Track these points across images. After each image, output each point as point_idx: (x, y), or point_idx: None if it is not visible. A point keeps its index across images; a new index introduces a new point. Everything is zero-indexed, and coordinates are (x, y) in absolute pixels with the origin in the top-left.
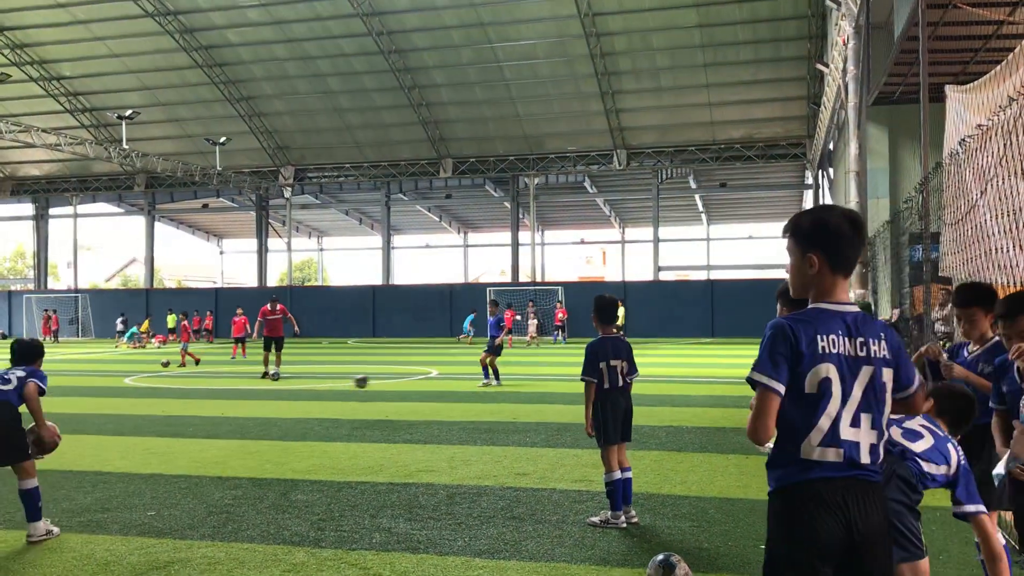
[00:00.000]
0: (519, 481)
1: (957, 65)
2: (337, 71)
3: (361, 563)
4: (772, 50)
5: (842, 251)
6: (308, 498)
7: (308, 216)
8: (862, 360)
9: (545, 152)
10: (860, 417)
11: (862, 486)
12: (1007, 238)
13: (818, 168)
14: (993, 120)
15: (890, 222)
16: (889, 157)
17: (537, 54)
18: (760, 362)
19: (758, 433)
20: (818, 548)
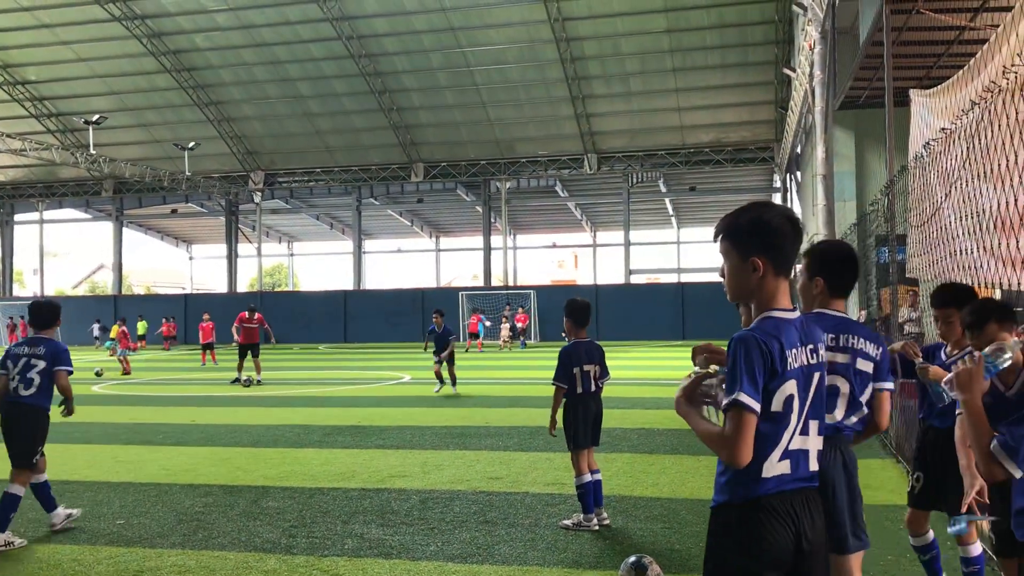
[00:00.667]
0: (492, 485)
1: (921, 69)
2: (307, 75)
3: (333, 569)
4: (740, 55)
5: (785, 252)
6: (279, 505)
7: (278, 221)
8: (813, 367)
9: (516, 156)
10: (809, 424)
11: (808, 494)
12: (971, 240)
13: (786, 172)
14: (956, 124)
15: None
16: (856, 160)
17: (507, 59)
18: (741, 383)
19: (741, 457)
20: (771, 559)
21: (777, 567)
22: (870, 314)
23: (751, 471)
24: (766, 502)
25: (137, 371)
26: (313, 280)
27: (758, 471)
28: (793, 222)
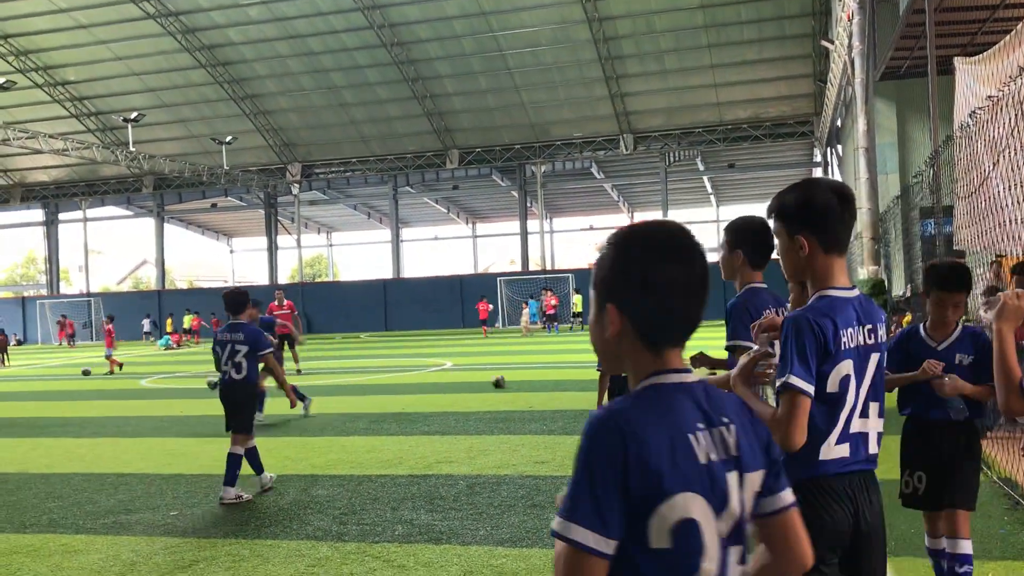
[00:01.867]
0: (538, 469)
1: (964, 36)
2: (340, 66)
3: (384, 555)
4: (776, 28)
5: (832, 230)
6: (329, 493)
7: (316, 212)
8: (871, 348)
9: (551, 139)
10: (869, 407)
11: (866, 476)
12: (1020, 209)
13: (826, 146)
14: (1004, 90)
15: (900, 197)
16: (897, 132)
17: (540, 41)
18: (792, 365)
19: (794, 440)
20: (830, 539)
21: (834, 548)
22: (915, 287)
23: (808, 455)
24: (824, 483)
25: (185, 364)
26: (352, 270)
27: (815, 454)
28: (842, 197)
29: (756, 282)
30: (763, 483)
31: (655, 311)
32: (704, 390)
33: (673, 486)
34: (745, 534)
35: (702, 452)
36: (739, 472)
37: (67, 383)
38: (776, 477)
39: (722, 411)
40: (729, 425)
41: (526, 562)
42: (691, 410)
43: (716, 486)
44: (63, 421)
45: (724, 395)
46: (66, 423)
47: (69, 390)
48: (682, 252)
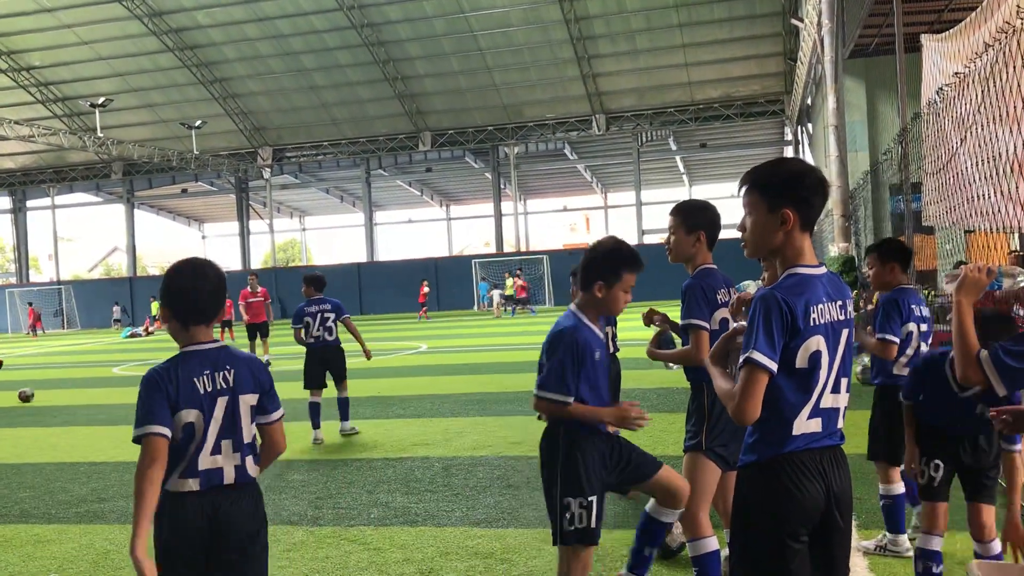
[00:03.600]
0: (513, 450)
1: (931, 14)
2: (310, 48)
3: (360, 538)
4: (746, 7)
5: (814, 208)
6: (304, 477)
7: (289, 196)
8: (842, 323)
9: (524, 121)
10: (840, 383)
11: (836, 451)
12: (988, 184)
13: (797, 124)
14: (970, 67)
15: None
16: (867, 109)
17: (511, 21)
18: (756, 340)
19: (748, 414)
20: (802, 514)
21: (806, 522)
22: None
23: (782, 431)
24: (796, 458)
25: (158, 352)
26: (326, 254)
27: (788, 430)
28: (822, 179)
29: (709, 263)
30: None
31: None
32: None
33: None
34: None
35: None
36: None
37: (37, 372)
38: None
39: (841, 293)
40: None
41: (501, 542)
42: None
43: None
44: (34, 410)
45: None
46: (37, 412)
47: (39, 379)
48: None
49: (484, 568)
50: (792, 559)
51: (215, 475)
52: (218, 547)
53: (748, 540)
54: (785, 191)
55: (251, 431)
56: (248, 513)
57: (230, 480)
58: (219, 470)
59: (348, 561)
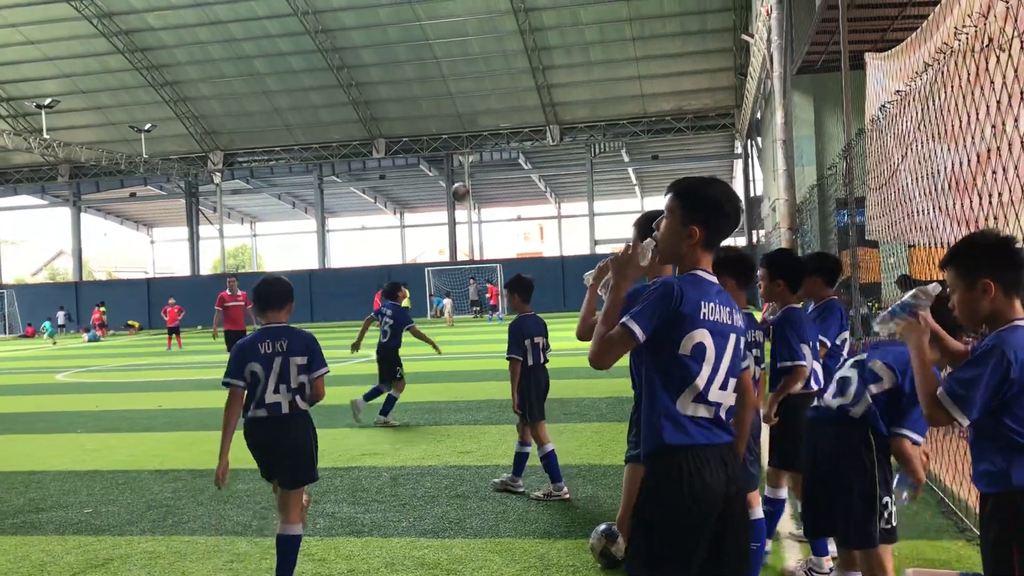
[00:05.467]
0: (463, 459)
1: (876, 32)
2: (263, 53)
3: (305, 549)
4: (698, 22)
5: (720, 232)
6: (250, 487)
7: (240, 201)
8: (729, 327)
9: (478, 130)
10: (728, 381)
11: (732, 447)
12: (927, 200)
13: (747, 138)
14: (911, 86)
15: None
16: (814, 125)
17: (467, 31)
18: (639, 312)
19: (600, 360)
20: (708, 504)
21: (711, 514)
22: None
23: (673, 409)
24: (694, 449)
25: (103, 358)
26: (278, 260)
27: (672, 412)
28: (738, 212)
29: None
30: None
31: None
32: (719, 289)
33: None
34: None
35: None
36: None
37: None
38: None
39: (730, 303)
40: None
41: (448, 552)
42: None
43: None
44: None
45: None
46: None
47: None
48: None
49: None
50: (692, 548)
51: (275, 407)
52: (280, 453)
53: (654, 533)
54: (701, 211)
55: (299, 380)
56: (298, 432)
57: (287, 411)
58: (278, 403)
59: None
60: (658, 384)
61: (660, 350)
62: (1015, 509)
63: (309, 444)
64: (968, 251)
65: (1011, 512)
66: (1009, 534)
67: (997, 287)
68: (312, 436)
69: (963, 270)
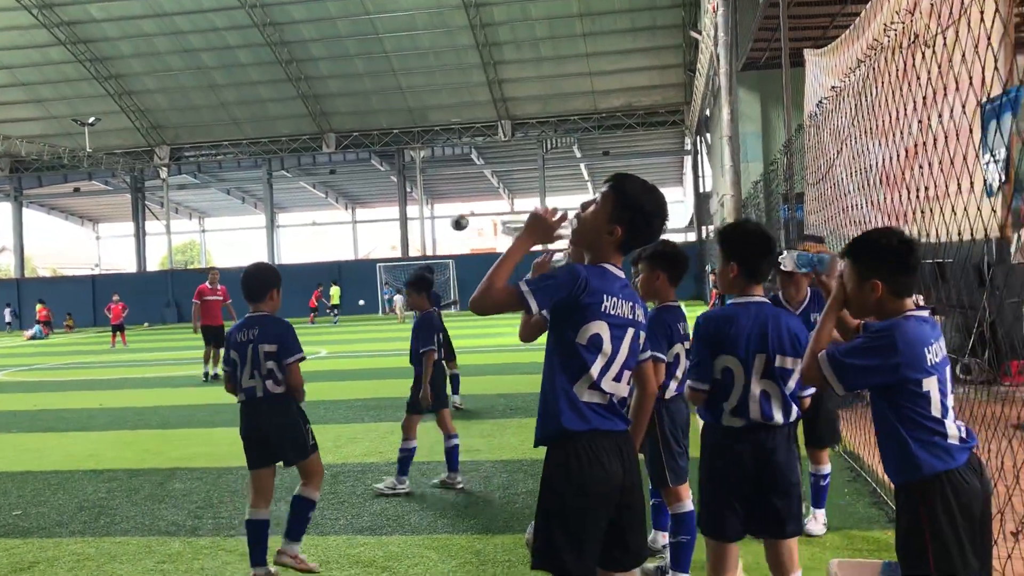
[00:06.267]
0: None
1: (817, 30)
2: (210, 46)
3: (239, 549)
4: (648, 18)
5: (639, 241)
6: (186, 486)
7: (187, 197)
8: (629, 322)
9: (430, 124)
10: (623, 374)
11: (628, 436)
12: (861, 195)
13: (696, 134)
14: (845, 82)
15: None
16: (761, 121)
17: (416, 25)
18: (542, 288)
19: (482, 306)
20: (606, 492)
21: (609, 501)
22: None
23: (564, 400)
24: (592, 436)
25: (45, 356)
26: (227, 256)
27: (569, 397)
28: (663, 228)
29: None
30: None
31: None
32: (624, 284)
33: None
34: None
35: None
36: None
37: None
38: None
39: (633, 298)
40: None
41: (384, 549)
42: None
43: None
44: None
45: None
46: None
47: None
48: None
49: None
50: (588, 536)
51: (250, 391)
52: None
53: (555, 520)
54: (631, 214)
55: (267, 367)
56: (274, 412)
57: (261, 394)
58: (252, 388)
59: (224, 572)
60: (557, 367)
61: (559, 336)
62: (925, 497)
63: (293, 422)
64: (863, 250)
65: (922, 502)
66: (921, 524)
67: (885, 288)
68: (293, 414)
69: (857, 267)
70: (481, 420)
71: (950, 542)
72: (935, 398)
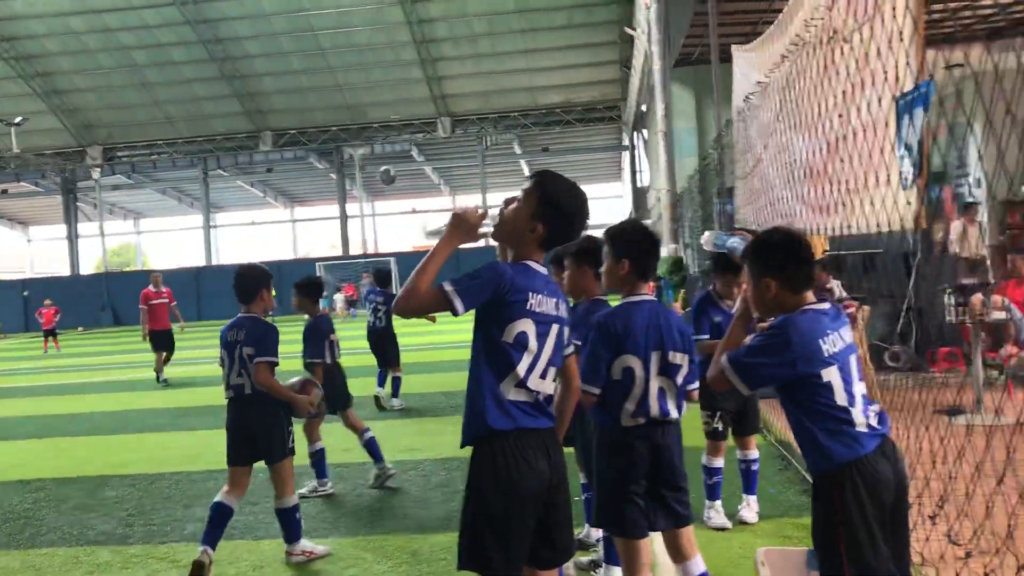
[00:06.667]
0: (344, 457)
1: (747, 26)
2: (142, 44)
3: (171, 556)
4: (585, 15)
5: (559, 240)
6: (118, 494)
7: (121, 197)
8: (553, 318)
9: (368, 122)
10: (548, 371)
11: (554, 433)
12: (786, 188)
13: (633, 130)
14: (769, 77)
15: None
16: (695, 116)
17: (353, 22)
18: (466, 288)
19: (406, 308)
20: (532, 490)
21: (536, 499)
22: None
23: (492, 398)
24: (520, 435)
25: None
26: (164, 258)
27: (497, 396)
28: (583, 228)
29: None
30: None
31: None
32: (546, 279)
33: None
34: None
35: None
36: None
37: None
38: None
39: (556, 293)
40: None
41: None
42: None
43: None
44: None
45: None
46: None
47: None
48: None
49: None
50: (515, 534)
51: (238, 388)
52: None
53: (482, 519)
54: (554, 212)
55: (251, 367)
56: (258, 413)
57: (248, 391)
58: (240, 385)
59: None
60: (484, 365)
61: (485, 334)
62: (836, 486)
63: (277, 421)
64: (756, 250)
65: (834, 490)
66: (833, 513)
67: (778, 285)
68: (277, 414)
69: (752, 267)
70: (422, 418)
71: (859, 530)
72: (838, 387)
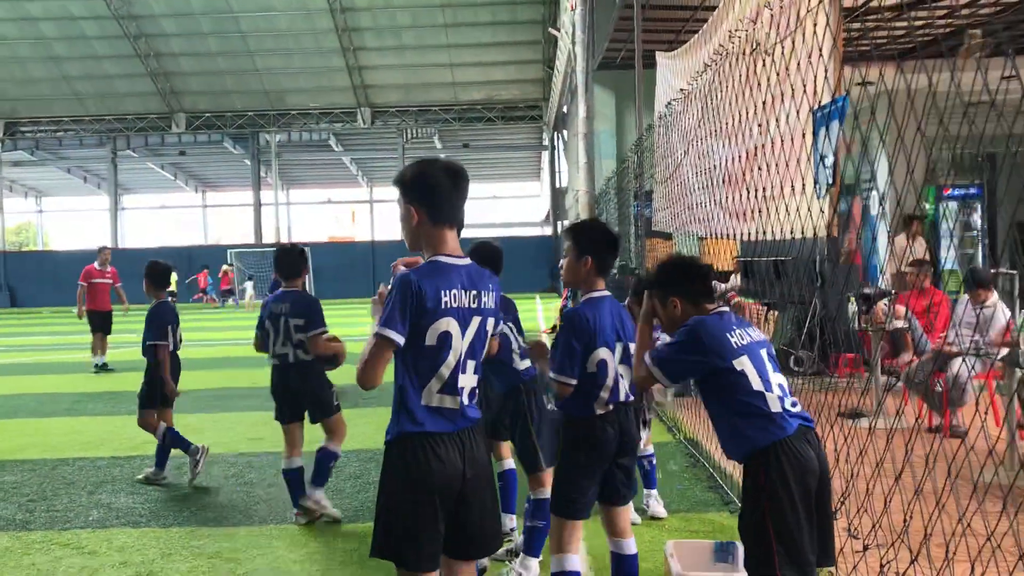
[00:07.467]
0: (253, 446)
1: (670, 33)
2: (50, 15)
3: (74, 542)
4: (509, 13)
5: (441, 204)
6: (17, 479)
7: (23, 174)
8: (473, 311)
9: (286, 108)
10: (467, 364)
11: (473, 429)
12: (705, 193)
13: (553, 130)
14: (692, 85)
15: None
16: (615, 119)
17: (274, 6)
18: (388, 317)
19: (370, 379)
20: (442, 484)
21: (446, 497)
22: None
23: (415, 402)
24: (432, 436)
25: None
26: (67, 238)
27: (418, 401)
28: (454, 175)
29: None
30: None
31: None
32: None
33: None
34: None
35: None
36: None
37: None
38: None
39: (479, 284)
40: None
41: (230, 541)
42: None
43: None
44: None
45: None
46: None
47: None
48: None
49: (208, 568)
50: (422, 529)
51: (283, 357)
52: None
53: (389, 516)
54: (412, 191)
55: (298, 338)
56: (303, 378)
57: (292, 360)
58: (285, 354)
59: (57, 567)
60: (406, 376)
61: (408, 344)
62: (761, 466)
63: (320, 384)
64: (657, 278)
65: (760, 469)
66: (759, 491)
67: (681, 302)
68: (319, 378)
69: (659, 293)
70: None
71: (785, 505)
72: (752, 374)
